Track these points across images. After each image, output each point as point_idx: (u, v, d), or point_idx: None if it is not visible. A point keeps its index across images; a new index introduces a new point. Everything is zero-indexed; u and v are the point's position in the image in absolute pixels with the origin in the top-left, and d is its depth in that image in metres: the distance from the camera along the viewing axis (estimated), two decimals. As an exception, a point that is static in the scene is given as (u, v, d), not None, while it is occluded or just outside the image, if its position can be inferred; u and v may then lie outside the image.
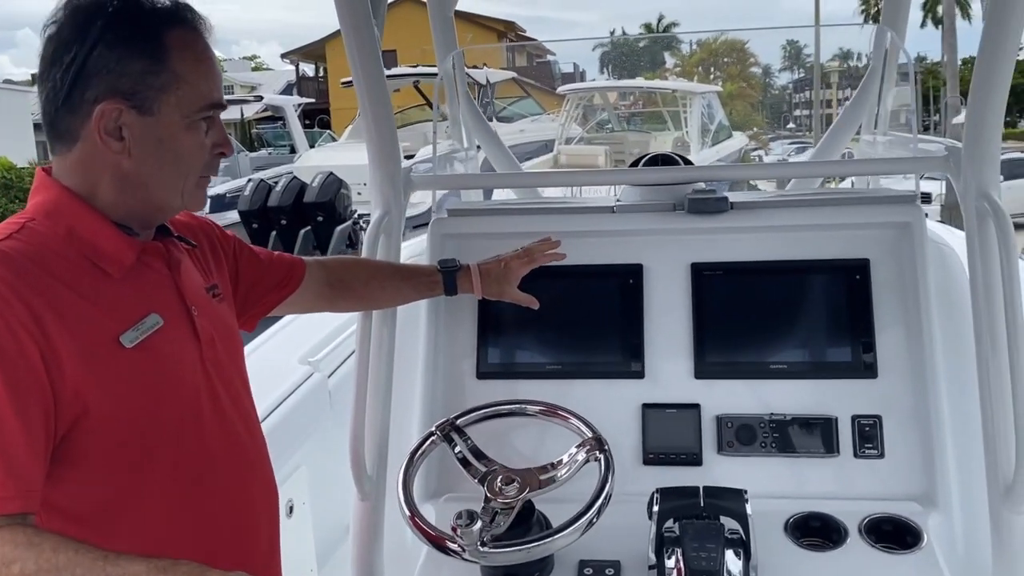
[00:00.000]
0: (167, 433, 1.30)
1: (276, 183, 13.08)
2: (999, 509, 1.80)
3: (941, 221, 2.42)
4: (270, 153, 20.79)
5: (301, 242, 12.61)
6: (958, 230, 2.35)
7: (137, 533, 1.26)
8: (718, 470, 2.09)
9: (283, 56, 45.83)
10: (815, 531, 1.94)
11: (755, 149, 19.92)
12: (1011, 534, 1.80)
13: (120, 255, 1.29)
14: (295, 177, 13.34)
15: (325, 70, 40.75)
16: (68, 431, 1.20)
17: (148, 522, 1.29)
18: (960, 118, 18.70)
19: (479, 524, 1.62)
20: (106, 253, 1.28)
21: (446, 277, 2.04)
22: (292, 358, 2.81)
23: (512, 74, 18.28)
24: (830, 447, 2.07)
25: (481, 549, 1.62)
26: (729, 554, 1.73)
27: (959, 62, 24.67)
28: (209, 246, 1.58)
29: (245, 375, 1.54)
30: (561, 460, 1.81)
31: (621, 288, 2.25)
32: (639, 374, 2.19)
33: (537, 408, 1.96)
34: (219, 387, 1.40)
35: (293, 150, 19.01)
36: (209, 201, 1.55)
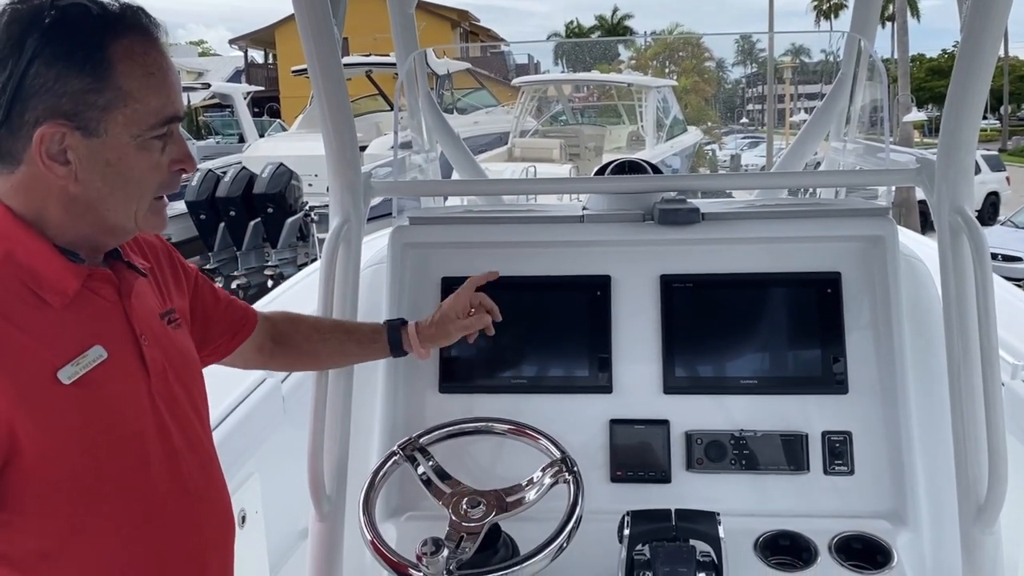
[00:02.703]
0: (109, 475, 1.21)
1: (224, 173, 12.81)
2: (970, 528, 1.79)
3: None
4: (218, 142, 20.38)
5: (251, 234, 12.40)
6: (922, 237, 2.34)
7: None
8: (687, 488, 2.06)
9: (231, 42, 44.91)
10: (785, 550, 1.92)
11: (709, 143, 20.09)
12: (982, 553, 1.79)
13: (62, 283, 1.19)
14: (244, 167, 13.08)
15: (275, 57, 40.08)
16: (0, 470, 1.11)
17: (90, 568, 1.20)
18: (911, 116, 19.08)
19: (445, 552, 1.56)
20: (47, 281, 1.18)
21: (391, 333, 1.87)
22: None
23: (467, 65, 18.13)
24: (800, 464, 2.05)
25: None
26: None
27: (908, 59, 25.18)
28: (170, 268, 1.48)
29: (199, 404, 1.44)
30: (529, 481, 1.75)
31: (589, 300, 2.19)
32: (607, 389, 2.14)
33: (505, 427, 1.89)
34: (169, 422, 1.30)
35: (242, 139, 18.64)
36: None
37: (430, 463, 1.81)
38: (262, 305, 3.30)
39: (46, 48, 1.12)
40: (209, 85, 20.05)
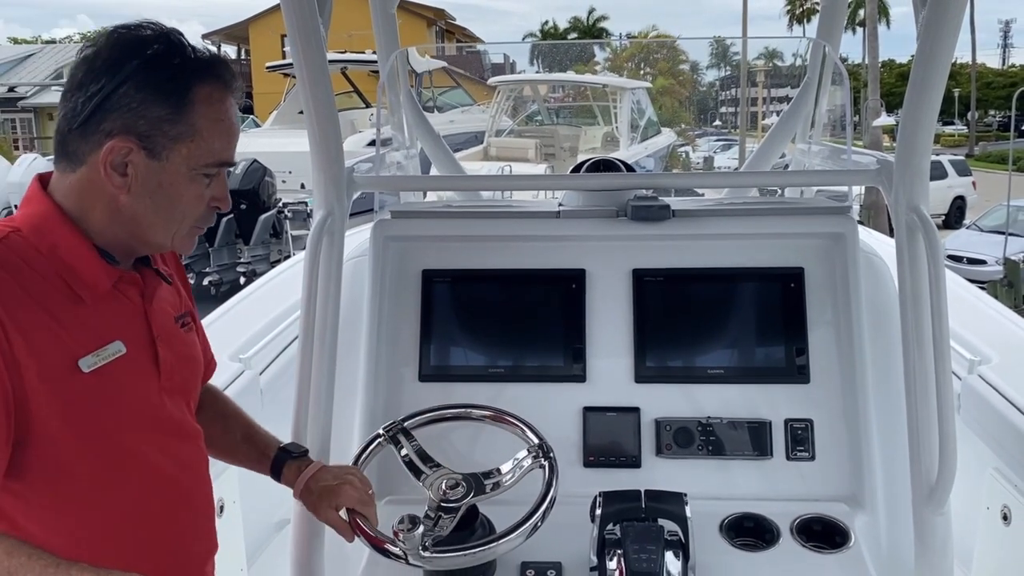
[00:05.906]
0: (110, 460, 1.31)
1: (198, 169, 12.68)
2: (922, 510, 1.88)
3: (860, 221, 2.50)
4: (191, 137, 20.14)
5: (223, 231, 12.30)
6: (888, 238, 2.44)
7: (71, 552, 1.25)
8: (656, 472, 2.13)
9: (204, 37, 44.34)
10: (749, 531, 2.01)
11: (682, 145, 20.26)
12: (933, 534, 1.89)
13: (96, 282, 1.30)
14: (217, 163, 12.95)
15: (248, 52, 39.74)
16: (17, 445, 1.21)
17: (89, 542, 1.30)
18: (880, 120, 19.33)
19: (421, 528, 1.62)
20: (82, 278, 1.29)
21: (281, 454, 1.74)
22: (222, 355, 2.73)
23: (443, 63, 18.16)
24: (764, 450, 2.14)
25: (423, 553, 1.62)
26: (669, 555, 1.77)
27: (879, 65, 25.44)
28: (180, 279, 1.58)
29: (192, 400, 1.54)
30: (507, 465, 1.82)
31: (564, 292, 2.27)
32: (581, 378, 2.22)
33: (484, 413, 1.96)
34: (171, 414, 1.42)
35: (215, 135, 18.45)
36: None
37: (413, 445, 1.87)
38: (235, 301, 3.35)
39: (140, 74, 1.25)
40: (182, 80, 19.81)
